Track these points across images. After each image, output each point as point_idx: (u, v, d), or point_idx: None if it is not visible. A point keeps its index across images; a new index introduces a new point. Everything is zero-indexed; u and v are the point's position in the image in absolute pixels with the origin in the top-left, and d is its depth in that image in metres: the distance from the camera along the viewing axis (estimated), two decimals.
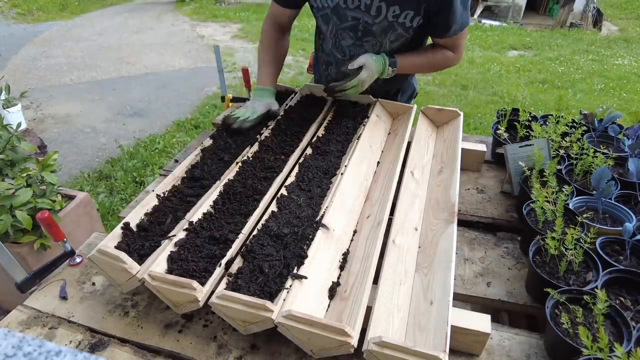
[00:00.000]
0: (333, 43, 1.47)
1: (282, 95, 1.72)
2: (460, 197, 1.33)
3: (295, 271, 0.88)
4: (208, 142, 1.35)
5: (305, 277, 0.86)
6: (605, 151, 1.35)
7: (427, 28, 1.34)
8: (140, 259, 0.93)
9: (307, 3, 1.46)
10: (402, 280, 0.93)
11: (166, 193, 1.14)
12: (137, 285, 0.90)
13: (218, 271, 0.89)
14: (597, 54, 7.18)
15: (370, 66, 1.33)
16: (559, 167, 1.29)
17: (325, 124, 1.48)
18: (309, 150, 1.33)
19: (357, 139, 1.36)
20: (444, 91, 5.40)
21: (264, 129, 1.42)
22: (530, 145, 1.27)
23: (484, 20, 9.32)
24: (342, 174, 1.20)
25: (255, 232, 1.00)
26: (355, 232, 1.08)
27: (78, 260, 1.12)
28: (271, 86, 1.52)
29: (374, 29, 1.32)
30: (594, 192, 1.13)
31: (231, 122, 1.40)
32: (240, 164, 1.23)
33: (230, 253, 0.93)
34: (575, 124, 1.42)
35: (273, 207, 1.09)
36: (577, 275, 0.96)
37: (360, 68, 1.33)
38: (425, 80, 5.76)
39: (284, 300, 0.82)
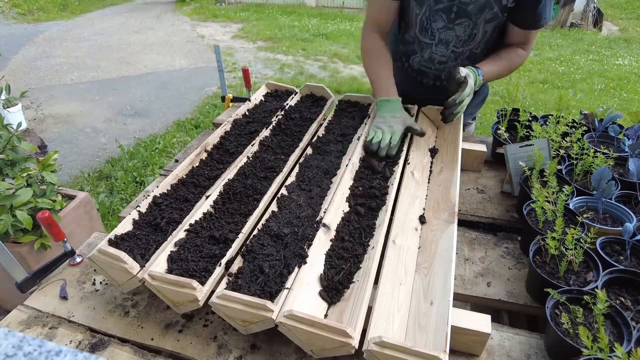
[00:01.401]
0: (420, 27, 1.40)
1: (282, 95, 1.72)
2: (461, 197, 1.33)
3: (295, 271, 0.88)
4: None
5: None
6: (606, 151, 1.35)
7: (514, 16, 1.30)
8: (142, 258, 0.93)
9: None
10: (402, 281, 0.93)
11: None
12: (137, 285, 0.90)
13: (218, 271, 0.89)
14: (598, 54, 7.18)
15: (469, 74, 1.28)
16: (559, 167, 1.29)
17: (325, 124, 1.48)
18: (309, 150, 1.33)
19: (358, 140, 1.36)
20: None
21: (264, 129, 1.42)
22: (531, 145, 1.27)
23: None
24: (342, 174, 1.20)
25: (255, 232, 1.00)
26: None
27: (78, 260, 1.12)
28: (398, 97, 1.34)
29: (470, 8, 1.28)
30: (594, 192, 1.13)
31: (374, 149, 1.25)
32: (240, 163, 1.23)
33: (230, 253, 0.93)
34: (575, 124, 1.42)
35: (273, 207, 1.09)
36: (578, 275, 0.96)
37: (465, 78, 1.26)
38: None
39: (285, 300, 0.83)
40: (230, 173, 1.19)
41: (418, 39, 1.42)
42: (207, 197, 1.10)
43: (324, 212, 1.05)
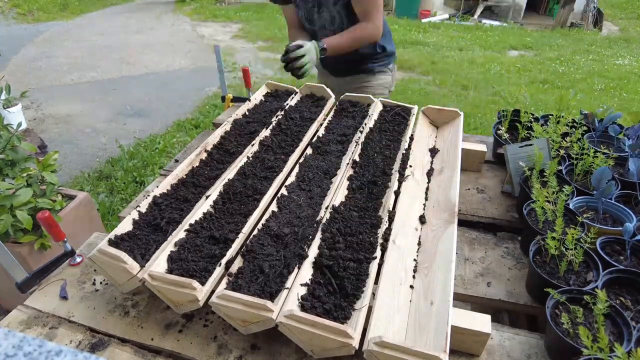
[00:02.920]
0: (308, 23, 1.82)
1: (282, 95, 1.72)
2: (461, 197, 1.33)
3: (295, 271, 0.88)
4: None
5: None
6: (606, 151, 1.35)
7: None
8: (142, 258, 0.93)
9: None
10: (402, 280, 0.93)
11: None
12: (137, 285, 0.90)
13: (218, 271, 0.89)
14: (598, 54, 7.17)
15: (307, 44, 1.60)
16: (559, 167, 1.29)
17: (325, 124, 1.48)
18: (309, 150, 1.33)
19: (357, 143, 1.36)
20: (444, 91, 5.40)
21: (264, 129, 1.42)
22: (531, 145, 1.27)
23: (484, 20, 9.32)
24: (342, 174, 1.20)
25: (255, 232, 1.00)
26: None
27: (78, 260, 1.12)
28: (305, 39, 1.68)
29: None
30: (595, 192, 1.12)
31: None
32: (240, 163, 1.23)
33: (230, 253, 0.93)
34: (575, 124, 1.42)
35: (273, 207, 1.09)
36: (578, 275, 0.96)
37: (299, 46, 1.58)
38: (425, 80, 5.76)
39: (285, 300, 0.82)
40: (230, 173, 1.19)
41: (312, 30, 1.83)
42: (207, 197, 1.10)
43: (324, 212, 1.05)
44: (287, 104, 1.57)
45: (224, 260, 0.91)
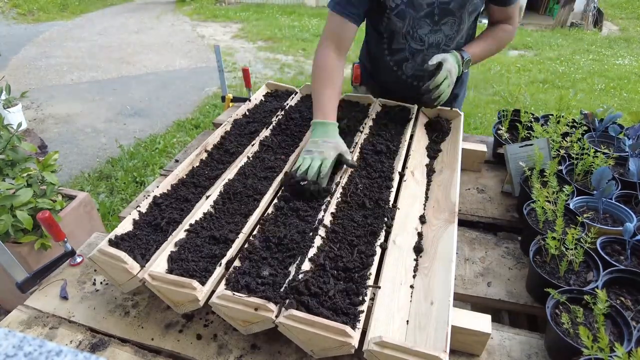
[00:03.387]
0: (409, 37, 1.41)
1: (282, 95, 1.72)
2: (461, 197, 1.33)
3: (294, 271, 0.88)
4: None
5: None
6: (606, 151, 1.35)
7: None
8: (142, 258, 0.93)
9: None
10: (402, 280, 0.93)
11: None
12: (137, 285, 0.90)
13: (218, 271, 0.89)
14: (598, 54, 7.17)
15: (447, 58, 1.31)
16: (559, 167, 1.29)
17: None
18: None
19: (356, 143, 1.36)
20: None
21: (264, 129, 1.42)
22: (531, 145, 1.27)
23: (484, 20, 9.31)
24: (341, 174, 1.20)
25: (255, 232, 1.00)
26: None
27: (78, 260, 1.12)
28: (335, 122, 1.26)
29: (451, 6, 1.31)
30: (595, 192, 1.12)
31: (298, 179, 1.10)
32: (240, 163, 1.23)
33: (230, 253, 0.93)
34: (575, 124, 1.42)
35: (273, 207, 1.09)
36: (578, 275, 0.96)
37: (440, 64, 1.30)
38: None
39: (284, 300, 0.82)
40: (230, 173, 1.19)
41: (409, 46, 1.43)
42: (208, 197, 1.10)
43: (324, 212, 1.05)
44: (287, 104, 1.57)
45: (224, 261, 0.91)
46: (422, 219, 1.11)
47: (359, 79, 1.72)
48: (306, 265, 0.89)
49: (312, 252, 0.93)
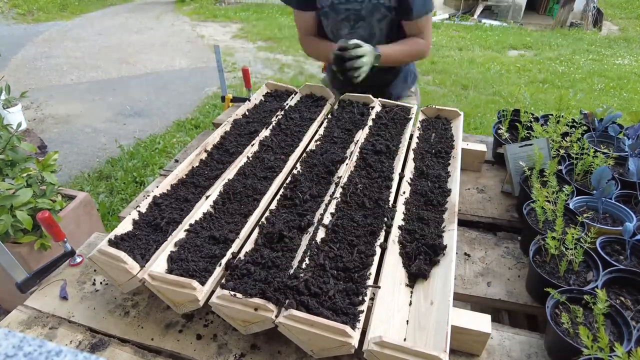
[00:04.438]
0: (332, 36, 1.65)
1: (282, 95, 1.72)
2: (461, 197, 1.33)
3: (294, 270, 0.88)
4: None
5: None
6: (606, 151, 1.35)
7: (399, 11, 1.53)
8: (142, 258, 0.93)
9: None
10: (402, 280, 0.93)
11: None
12: (137, 285, 0.90)
13: (218, 271, 0.89)
14: (598, 54, 7.17)
15: (365, 45, 1.44)
16: (559, 167, 1.29)
17: (325, 124, 1.48)
18: (308, 150, 1.33)
19: (355, 143, 1.36)
20: (444, 91, 5.40)
21: (264, 129, 1.42)
22: (530, 145, 1.27)
23: (484, 20, 9.32)
24: (342, 174, 1.20)
25: (255, 232, 1.00)
26: None
27: (78, 260, 1.12)
28: None
29: (362, 12, 1.53)
30: (594, 191, 1.13)
31: (350, 46, 1.39)
32: (240, 163, 1.23)
33: (230, 253, 0.93)
34: (575, 124, 1.42)
35: (273, 207, 1.09)
36: (578, 275, 0.96)
37: (358, 45, 1.43)
38: (425, 80, 5.76)
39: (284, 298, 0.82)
40: (230, 173, 1.19)
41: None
42: (207, 197, 1.10)
43: (323, 212, 1.05)
44: (287, 104, 1.57)
45: (224, 260, 0.91)
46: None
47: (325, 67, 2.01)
48: (306, 265, 0.89)
49: (312, 252, 0.93)
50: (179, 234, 0.99)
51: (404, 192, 1.16)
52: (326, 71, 2.00)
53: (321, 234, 0.99)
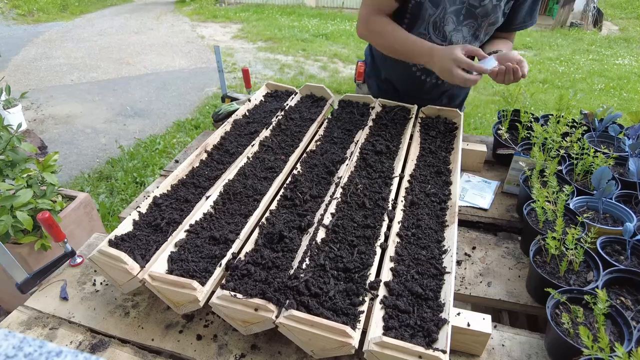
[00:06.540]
0: (434, 28, 1.42)
1: (282, 95, 1.72)
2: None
3: (294, 269, 0.88)
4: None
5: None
6: (606, 151, 1.35)
7: (508, 18, 1.43)
8: (142, 258, 0.93)
9: None
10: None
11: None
12: (137, 285, 0.90)
13: (218, 271, 0.89)
14: (598, 54, 7.18)
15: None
16: (559, 167, 1.29)
17: (325, 124, 1.48)
18: (308, 151, 1.33)
19: (356, 143, 1.36)
20: None
21: (264, 129, 1.42)
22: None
23: None
24: (342, 174, 1.20)
25: (255, 233, 1.00)
26: None
27: (78, 260, 1.12)
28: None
29: (477, 11, 1.36)
30: (595, 192, 1.12)
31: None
32: (240, 164, 1.23)
33: (230, 253, 0.93)
34: (575, 124, 1.42)
35: (273, 207, 1.09)
36: (578, 275, 0.96)
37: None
38: None
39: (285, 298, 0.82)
40: (230, 173, 1.19)
41: (430, 38, 1.44)
42: (207, 197, 1.10)
43: (324, 212, 1.05)
44: (287, 104, 1.57)
45: (224, 261, 0.91)
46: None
47: (362, 76, 1.76)
48: (306, 266, 0.89)
49: (312, 252, 0.93)
50: (179, 234, 0.99)
51: (404, 192, 1.16)
52: (362, 80, 1.79)
53: (321, 234, 0.99)
